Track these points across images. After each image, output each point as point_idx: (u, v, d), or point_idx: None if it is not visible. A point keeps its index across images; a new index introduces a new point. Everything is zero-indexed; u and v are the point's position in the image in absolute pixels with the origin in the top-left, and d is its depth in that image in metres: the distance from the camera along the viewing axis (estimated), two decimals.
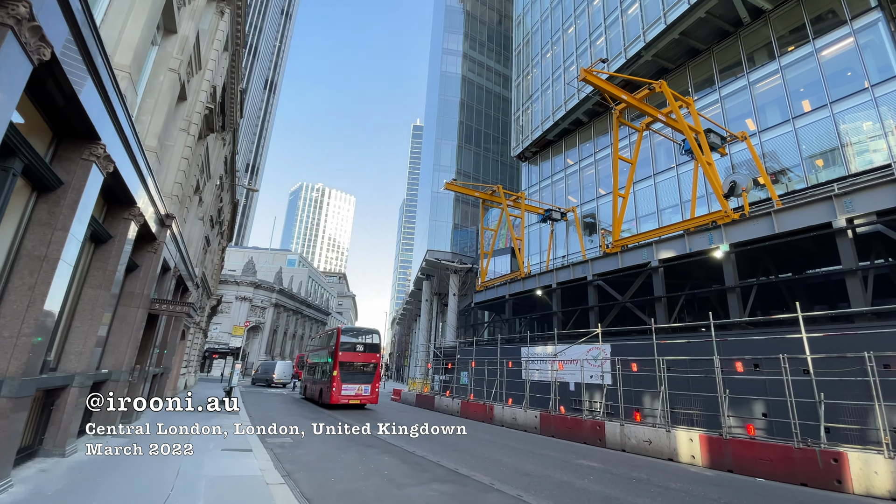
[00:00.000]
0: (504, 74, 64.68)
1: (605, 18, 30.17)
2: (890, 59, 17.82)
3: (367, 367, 21.32)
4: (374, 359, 21.67)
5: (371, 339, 22.28)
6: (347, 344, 21.23)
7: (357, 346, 21.32)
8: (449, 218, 54.08)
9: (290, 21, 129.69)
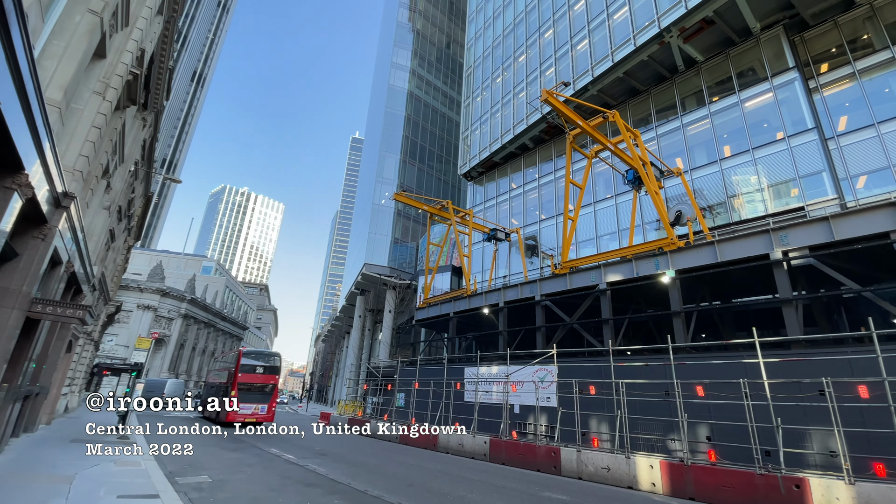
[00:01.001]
0: (450, 95, 65.61)
1: (556, 51, 31.53)
2: (804, 113, 20.17)
3: (265, 388, 22.82)
4: (273, 380, 23.27)
5: (271, 363, 23.95)
6: (248, 366, 22.72)
7: (257, 369, 22.89)
8: (389, 232, 52.59)
9: (228, 15, 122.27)
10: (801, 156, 20.03)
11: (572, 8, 31.09)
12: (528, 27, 35.53)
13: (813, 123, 19.98)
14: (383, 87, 61.71)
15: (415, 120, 58.09)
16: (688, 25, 23.34)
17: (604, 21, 27.79)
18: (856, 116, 19.70)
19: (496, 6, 42.02)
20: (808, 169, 19.71)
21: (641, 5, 25.38)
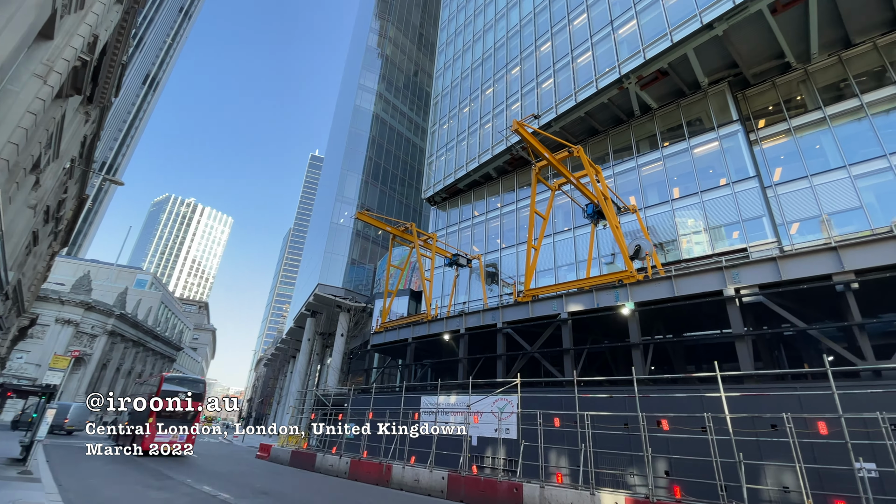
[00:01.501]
0: (415, 121, 66.41)
1: (522, 87, 32.78)
2: (746, 162, 21.91)
3: (186, 415, 22.50)
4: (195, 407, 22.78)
5: (195, 389, 23.55)
6: (169, 392, 22.32)
7: (179, 395, 22.37)
8: (346, 252, 51.14)
9: (189, 21, 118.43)
10: (744, 201, 21.61)
11: (539, 48, 32.66)
12: (495, 63, 36.88)
13: (754, 172, 21.71)
14: (349, 107, 61.44)
15: (379, 142, 57.98)
16: (645, 74, 25.02)
17: (568, 63, 29.31)
18: (791, 168, 21.66)
19: (465, 41, 43.46)
20: (750, 213, 21.24)
21: (604, 52, 27.04)
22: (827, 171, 20.20)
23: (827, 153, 20.84)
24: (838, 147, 20.28)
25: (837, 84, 21.62)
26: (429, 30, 76.05)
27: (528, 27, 34.58)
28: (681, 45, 22.90)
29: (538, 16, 34.01)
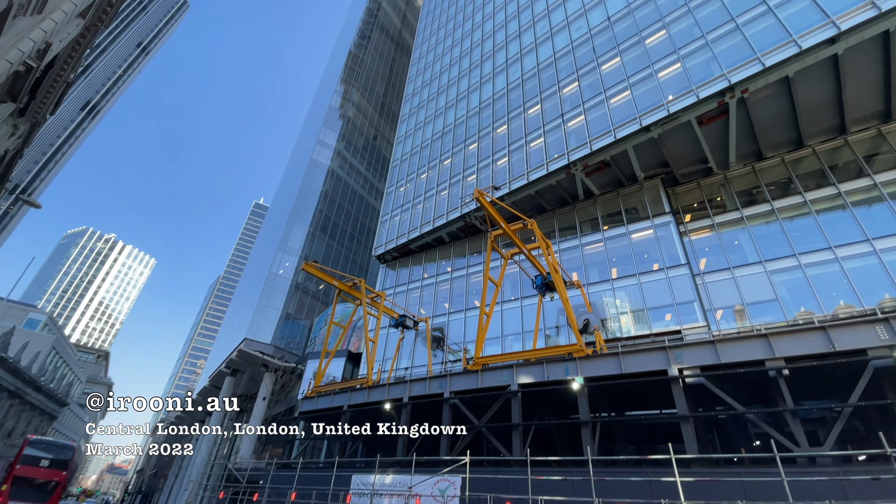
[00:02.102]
0: (371, 181, 67.32)
1: (479, 162, 34.62)
2: (677, 251, 23.93)
3: (48, 484, 20.55)
4: (59, 476, 20.81)
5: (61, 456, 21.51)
6: (31, 457, 20.42)
7: (41, 461, 20.53)
8: (281, 305, 47.92)
9: (146, 57, 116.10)
10: (676, 286, 23.26)
11: (496, 130, 35.15)
12: (455, 137, 39.01)
13: (685, 260, 23.69)
14: (304, 160, 61.21)
15: (332, 196, 57.58)
16: (590, 163, 27.42)
17: (522, 146, 31.60)
18: (715, 260, 23.93)
19: (427, 114, 45.99)
20: (682, 298, 22.81)
21: (555, 139, 29.55)
22: (746, 265, 22.49)
23: (745, 249, 23.37)
24: (755, 244, 22.86)
25: (751, 190, 24.91)
26: (391, 100, 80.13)
27: (486, 110, 37.39)
28: (622, 141, 25.58)
29: (497, 101, 37.03)
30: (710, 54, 23.76)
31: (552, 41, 35.77)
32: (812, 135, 23.46)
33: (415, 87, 52.38)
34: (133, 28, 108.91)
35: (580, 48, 32.50)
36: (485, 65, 41.92)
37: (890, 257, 18.68)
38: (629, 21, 30.21)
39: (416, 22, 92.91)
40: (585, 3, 35.04)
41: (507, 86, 36.90)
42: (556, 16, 37.50)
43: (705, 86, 22.66)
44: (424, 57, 55.17)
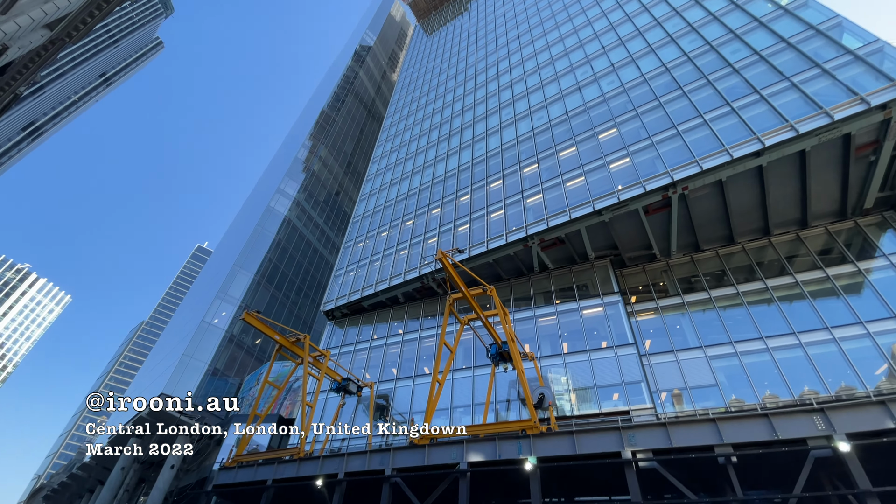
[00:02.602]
0: (328, 235, 66.25)
1: (441, 226, 35.19)
2: (625, 329, 24.64)
3: None
4: None
5: None
6: None
7: None
8: (209, 358, 43.56)
9: (108, 88, 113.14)
10: (625, 365, 23.61)
11: (459, 198, 36.33)
12: (419, 201, 39.82)
13: (632, 340, 24.34)
14: (260, 207, 59.64)
15: (285, 246, 55.69)
16: (546, 238, 28.56)
17: (483, 215, 32.65)
18: (659, 342, 24.80)
19: (394, 177, 47.10)
20: (630, 377, 23.08)
21: (515, 213, 30.82)
22: (688, 349, 23.42)
23: (686, 333, 24.48)
24: (695, 329, 24.04)
25: (690, 278, 26.72)
26: (358, 160, 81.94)
27: (451, 179, 38.87)
28: (576, 221, 27.06)
29: (461, 172, 38.72)
30: (655, 153, 26.48)
31: (516, 126, 38.73)
32: (741, 233, 26.05)
33: (384, 150, 54.04)
34: (99, 58, 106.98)
35: (541, 135, 35.32)
36: (452, 139, 44.32)
37: (814, 350, 20.16)
38: (585, 117, 33.51)
39: (389, 94, 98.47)
40: (546, 98, 38.75)
41: (473, 160, 38.90)
42: (520, 105, 41.03)
43: (651, 180, 24.92)
44: (396, 125, 57.72)
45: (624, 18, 39.52)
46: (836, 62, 22.29)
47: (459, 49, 64.38)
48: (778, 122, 22.11)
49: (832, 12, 24.44)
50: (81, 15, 10.52)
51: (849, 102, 20.18)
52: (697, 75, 28.69)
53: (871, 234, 23.21)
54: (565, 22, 47.29)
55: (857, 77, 20.91)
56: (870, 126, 20.22)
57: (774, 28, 26.70)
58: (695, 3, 33.97)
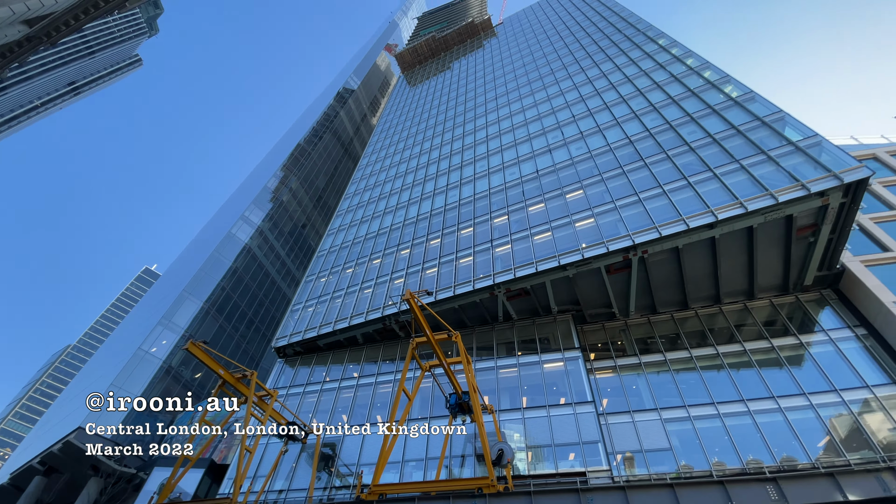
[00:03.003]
0: (289, 267, 64.24)
1: (408, 267, 34.90)
2: (584, 387, 24.57)
3: None
4: None
5: None
6: None
7: None
8: (139, 391, 39.65)
9: (76, 97, 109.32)
10: (583, 424, 23.31)
11: (429, 241, 36.45)
12: (388, 240, 39.63)
13: (591, 397, 24.25)
14: (220, 232, 57.44)
15: (241, 275, 53.29)
16: (512, 288, 28.79)
17: (452, 260, 32.75)
18: (616, 401, 24.86)
19: (365, 214, 46.99)
20: (588, 437, 22.72)
21: (483, 261, 31.09)
22: (644, 411, 23.54)
23: (642, 394, 24.70)
24: (651, 391, 24.33)
25: (647, 339, 27.42)
26: (330, 196, 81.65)
27: (423, 222, 39.16)
28: (542, 274, 27.55)
29: (433, 217, 39.15)
30: (618, 217, 27.84)
31: (489, 179, 40.08)
32: (695, 299, 27.30)
33: (357, 188, 54.22)
34: (71, 67, 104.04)
35: (512, 189, 36.61)
36: (427, 184, 45.18)
37: (762, 419, 20.74)
38: (554, 177, 35.18)
39: (367, 136, 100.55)
40: (519, 156, 40.65)
41: (445, 205, 39.56)
42: (494, 159, 42.74)
43: (614, 241, 26.00)
44: (372, 164, 58.49)
45: (593, 93, 42.88)
46: (780, 150, 24.80)
47: (440, 102, 67.35)
48: (729, 199, 23.96)
49: (776, 107, 27.52)
50: (65, 17, 10.11)
51: (791, 187, 22.26)
52: (658, 150, 31.05)
53: (811, 309, 24.91)
54: (540, 90, 50.77)
55: (798, 165, 23.26)
56: (809, 210, 22.28)
57: (726, 116, 29.64)
58: (656, 87, 37.44)
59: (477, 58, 78.06)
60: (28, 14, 8.22)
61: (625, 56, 45.14)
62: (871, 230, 26.50)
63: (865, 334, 22.61)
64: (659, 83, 37.43)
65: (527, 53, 64.72)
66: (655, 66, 40.15)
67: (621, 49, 46.96)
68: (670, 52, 40.45)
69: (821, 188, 21.38)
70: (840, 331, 23.31)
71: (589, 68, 47.83)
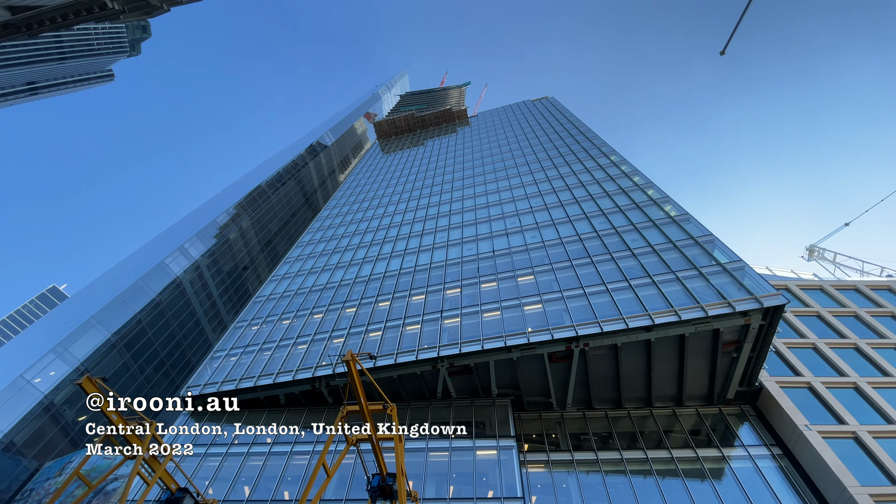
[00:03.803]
0: (218, 309, 59.59)
1: (351, 327, 33.44)
2: (515, 480, 23.39)
3: None
4: None
5: None
6: None
7: None
8: (6, 427, 33.02)
9: (30, 97, 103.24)
10: None
11: (378, 302, 35.55)
12: (335, 295, 38.24)
13: (521, 493, 23.03)
14: (151, 261, 52.98)
15: (163, 310, 48.55)
16: (456, 364, 28.11)
17: (399, 326, 31.86)
18: (545, 500, 23.79)
19: (315, 266, 45.60)
20: None
21: (430, 331, 30.49)
22: None
23: (572, 494, 23.90)
24: (580, 492, 23.61)
25: (580, 435, 27.17)
26: (280, 242, 79.15)
27: (375, 283, 38.47)
28: (488, 353, 27.29)
29: (386, 279, 38.65)
30: (564, 307, 28.82)
31: (447, 250, 40.84)
32: (628, 399, 27.88)
33: (312, 237, 53.12)
34: (37, 67, 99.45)
35: (468, 264, 37.36)
36: (385, 245, 45.19)
37: None
38: (508, 259, 36.48)
39: (332, 191, 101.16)
40: (478, 234, 42.18)
41: (400, 269, 39.37)
42: (454, 233, 43.99)
43: (559, 329, 26.60)
44: (332, 218, 58.14)
45: (550, 190, 46.47)
46: (710, 269, 27.43)
47: (410, 171, 70.01)
48: (665, 306, 25.69)
49: (707, 230, 30.95)
50: (53, 13, 9.78)
51: (719, 304, 24.34)
52: (604, 250, 33.38)
53: (732, 423, 26.08)
54: (503, 179, 54.42)
55: (725, 285, 25.69)
56: (734, 327, 24.26)
57: (665, 230, 32.83)
58: (606, 195, 41.29)
59: (450, 140, 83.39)
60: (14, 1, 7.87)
61: (580, 164, 50.02)
62: (786, 354, 29.05)
63: (780, 454, 23.75)
64: (609, 192, 41.35)
65: (495, 144, 70.12)
66: (606, 177, 44.64)
67: (577, 157, 52.17)
68: (620, 168, 45.36)
69: (744, 308, 23.54)
70: (758, 448, 24.36)
71: (548, 168, 52.31)
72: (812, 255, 61.04)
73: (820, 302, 33.84)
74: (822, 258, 62.10)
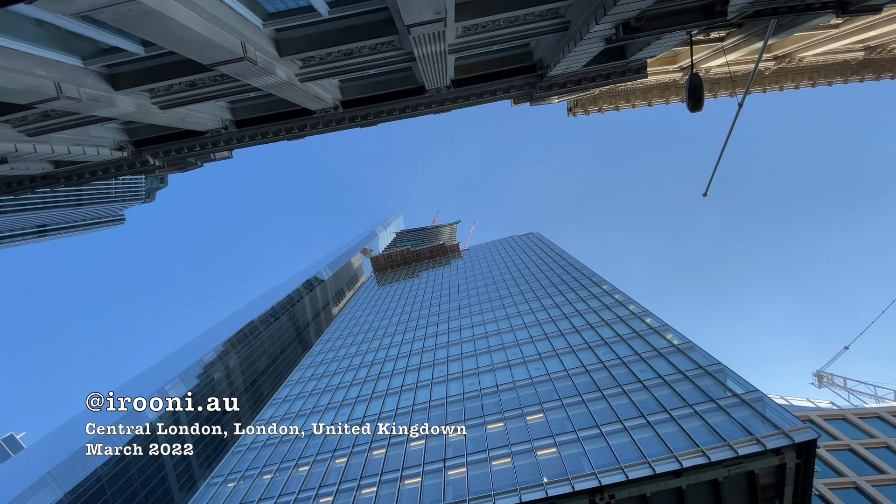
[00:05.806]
0: (190, 465, 53.02)
1: (340, 482, 29.44)
2: None
3: None
4: None
5: None
6: None
7: None
8: None
9: (38, 238, 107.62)
10: None
11: (371, 451, 32.08)
12: (325, 443, 34.63)
13: None
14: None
15: (129, 464, 42.99)
16: None
17: (396, 480, 28.21)
18: None
19: (304, 406, 42.41)
20: None
21: (432, 485, 26.93)
22: None
23: None
24: None
25: None
26: (265, 382, 74.90)
27: (368, 424, 35.30)
28: None
29: (382, 419, 35.62)
30: (581, 449, 26.21)
31: (447, 386, 38.70)
32: None
33: (302, 375, 50.48)
34: (52, 212, 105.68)
35: (471, 401, 35.04)
36: (380, 382, 42.83)
37: None
38: (513, 394, 34.42)
39: (326, 325, 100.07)
40: (479, 366, 40.56)
41: (397, 409, 36.64)
42: (454, 366, 42.28)
43: (579, 479, 23.72)
44: (325, 353, 56.19)
45: (548, 319, 46.38)
46: (727, 401, 25.91)
47: (405, 304, 70.39)
48: (690, 445, 23.49)
49: (714, 359, 30.13)
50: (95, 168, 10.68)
51: (747, 441, 22.39)
52: (613, 382, 31.85)
53: None
54: (500, 308, 54.72)
55: (747, 418, 23.99)
56: (769, 467, 21.89)
57: (672, 360, 31.92)
58: (605, 324, 41.19)
59: (444, 272, 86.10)
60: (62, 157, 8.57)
61: (574, 293, 51.04)
62: (829, 497, 25.84)
63: None
64: (607, 321, 41.33)
65: (488, 276, 72.27)
66: (602, 305, 45.16)
67: (571, 287, 53.47)
68: (613, 297, 46.21)
69: (775, 445, 21.59)
70: None
71: (543, 298, 53.09)
72: (822, 382, 58.85)
73: (847, 433, 31.53)
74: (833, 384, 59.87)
